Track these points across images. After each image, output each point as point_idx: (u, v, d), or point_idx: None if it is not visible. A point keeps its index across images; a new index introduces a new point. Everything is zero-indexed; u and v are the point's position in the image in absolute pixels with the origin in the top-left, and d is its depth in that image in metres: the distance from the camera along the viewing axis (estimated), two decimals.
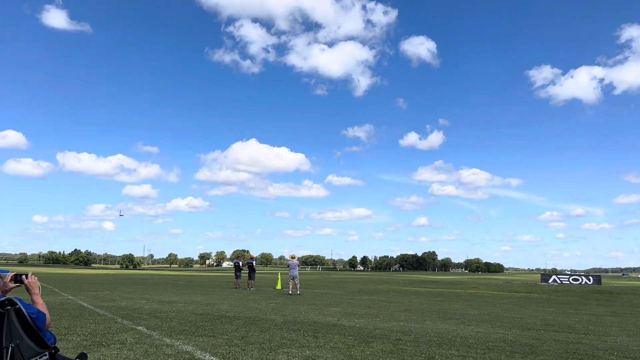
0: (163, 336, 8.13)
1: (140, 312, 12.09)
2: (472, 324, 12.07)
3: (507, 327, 11.51)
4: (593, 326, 12.68)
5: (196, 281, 41.91)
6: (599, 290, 44.69)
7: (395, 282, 52.33)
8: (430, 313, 14.79)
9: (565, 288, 48.13)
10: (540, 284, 58.29)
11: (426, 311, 15.45)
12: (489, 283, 60.37)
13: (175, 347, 7.09)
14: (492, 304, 21.29)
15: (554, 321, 13.64)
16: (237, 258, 28.80)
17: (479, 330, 10.75)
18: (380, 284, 46.73)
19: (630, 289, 49.36)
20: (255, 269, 26.81)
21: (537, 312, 16.83)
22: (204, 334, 8.55)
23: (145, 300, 16.59)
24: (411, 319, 12.60)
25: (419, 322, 11.87)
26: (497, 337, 9.52)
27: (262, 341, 7.86)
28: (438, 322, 12.08)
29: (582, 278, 60.85)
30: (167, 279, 46.26)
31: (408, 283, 52.26)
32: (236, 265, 27.66)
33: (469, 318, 13.59)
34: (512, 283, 60.45)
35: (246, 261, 27.65)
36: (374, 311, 14.63)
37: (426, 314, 14.28)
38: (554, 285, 55.47)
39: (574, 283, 58.31)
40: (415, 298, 23.62)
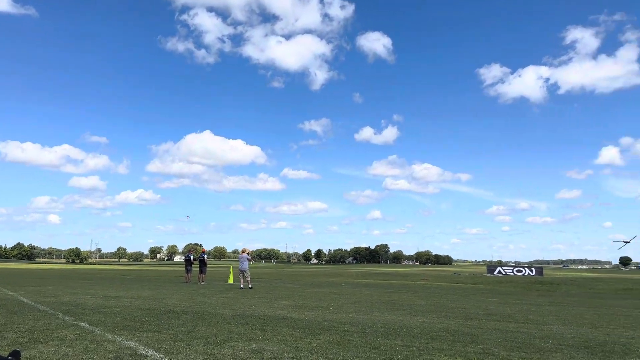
0: (105, 332, 7.92)
1: (84, 308, 11.72)
2: (418, 314, 12.39)
3: (451, 317, 11.88)
4: (532, 315, 13.27)
5: (145, 276, 40.96)
6: (540, 281, 46.80)
7: (347, 275, 52.92)
8: (379, 304, 15.07)
9: (509, 279, 50.11)
10: (486, 275, 60.42)
11: (375, 302, 15.73)
12: (437, 275, 62.04)
13: (117, 343, 6.92)
14: (439, 294, 21.90)
15: (495, 311, 14.19)
16: (188, 252, 28.34)
17: (425, 320, 11.05)
18: (333, 276, 47.14)
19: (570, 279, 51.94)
20: (207, 263, 26.47)
21: (481, 303, 17.46)
22: (148, 329, 8.39)
23: (90, 295, 16.08)
24: (360, 311, 12.79)
25: (367, 314, 12.07)
26: (441, 327, 9.82)
27: (208, 335, 7.80)
28: (386, 313, 12.33)
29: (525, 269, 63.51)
30: (114, 274, 44.99)
31: (360, 275, 52.98)
32: (187, 259, 27.22)
33: (416, 309, 13.94)
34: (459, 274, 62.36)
35: (198, 255, 27.25)
36: (324, 303, 14.75)
37: (375, 306, 14.54)
38: (499, 276, 57.63)
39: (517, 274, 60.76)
40: (366, 290, 23.98)
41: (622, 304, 20.17)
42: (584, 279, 55.80)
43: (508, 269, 65.14)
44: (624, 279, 58.13)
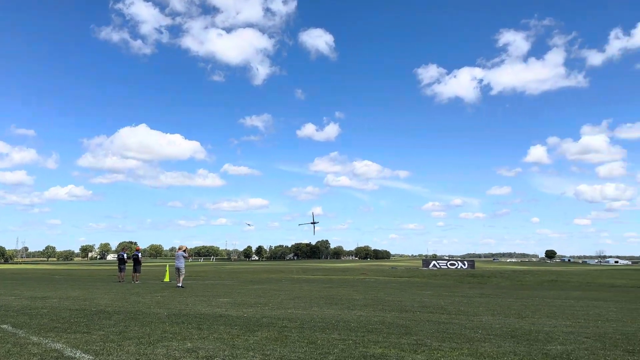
0: (30, 334, 7.51)
1: (7, 310, 11.04)
2: (355, 308, 12.60)
3: (387, 310, 12.17)
4: (464, 307, 13.81)
5: (76, 275, 39.15)
6: (472, 274, 48.83)
7: (288, 271, 52.98)
8: (318, 299, 15.19)
9: (443, 272, 51.97)
10: (422, 268, 62.38)
11: (314, 298, 15.84)
12: (376, 269, 63.38)
13: (42, 346, 6.58)
14: (377, 288, 22.37)
15: (429, 303, 14.67)
16: (122, 250, 27.37)
17: (362, 314, 11.25)
18: (273, 273, 47.04)
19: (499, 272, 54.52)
20: (141, 261, 25.66)
21: (416, 295, 17.99)
22: (77, 330, 8.03)
23: (15, 296, 15.18)
24: (299, 306, 12.84)
25: (306, 309, 12.13)
26: (377, 320, 10.03)
27: (141, 335, 7.56)
28: (324, 308, 12.44)
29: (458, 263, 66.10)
30: (42, 274, 42.70)
31: (300, 271, 53.19)
32: (120, 257, 26.29)
33: (354, 303, 14.16)
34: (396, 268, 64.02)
35: (132, 253, 26.36)
36: (263, 300, 14.69)
37: (314, 301, 14.64)
38: (434, 269, 59.63)
39: (451, 267, 63.14)
40: (305, 286, 24.11)
41: (547, 294, 21.41)
42: (513, 271, 58.80)
43: (442, 262, 67.55)
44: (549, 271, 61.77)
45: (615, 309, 14.06)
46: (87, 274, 41.63)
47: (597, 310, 13.68)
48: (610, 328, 9.65)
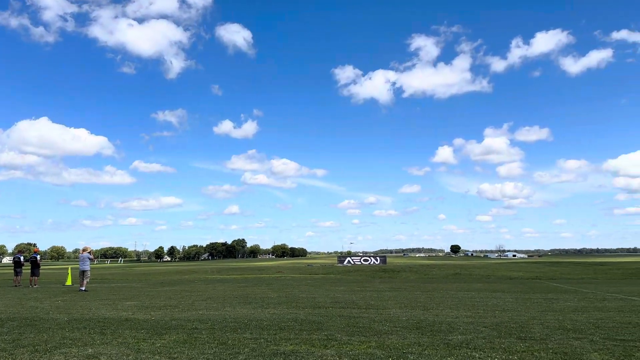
0: None
1: None
2: (269, 306, 12.58)
3: (301, 307, 12.28)
4: (374, 301, 14.26)
5: None
6: (383, 269, 50.54)
7: (201, 271, 51.74)
8: (232, 299, 14.99)
9: (357, 268, 53.34)
10: (337, 265, 63.58)
11: (228, 297, 15.61)
12: (292, 267, 63.67)
13: None
14: (292, 286, 22.48)
15: (342, 299, 14.99)
16: (18, 252, 25.34)
17: (275, 312, 11.25)
18: (186, 273, 45.71)
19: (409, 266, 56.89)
20: (39, 264, 23.88)
21: (329, 292, 18.30)
22: None
23: None
24: (211, 307, 12.59)
25: (218, 310, 11.92)
26: (290, 317, 10.09)
27: (37, 343, 7.05)
28: (238, 308, 12.30)
29: (371, 259, 68.10)
30: None
31: (215, 271, 52.17)
32: (16, 260, 24.29)
33: (268, 301, 14.14)
34: (312, 266, 64.73)
35: (30, 256, 24.48)
36: (174, 302, 14.24)
37: (227, 301, 14.43)
38: (348, 266, 61.00)
39: (364, 263, 64.92)
40: (219, 285, 23.68)
41: (451, 287, 22.63)
42: (421, 265, 61.63)
43: (356, 258, 69.25)
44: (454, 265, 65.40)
45: (511, 300, 15.17)
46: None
47: (495, 301, 14.69)
48: (506, 317, 10.40)
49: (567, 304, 13.53)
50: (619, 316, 10.54)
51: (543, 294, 17.62)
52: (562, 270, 48.68)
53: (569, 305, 13.12)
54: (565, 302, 14.11)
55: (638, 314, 10.87)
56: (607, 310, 11.74)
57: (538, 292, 19.13)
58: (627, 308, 12.34)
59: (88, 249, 20.41)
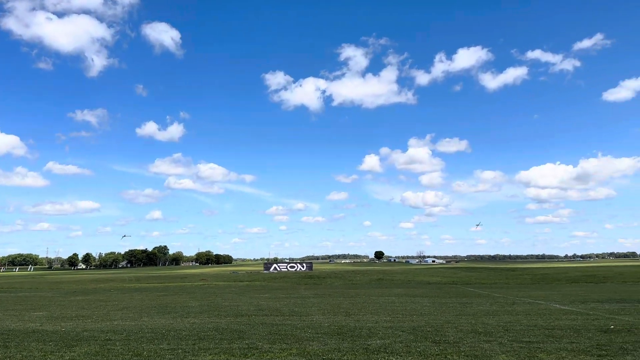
0: None
1: None
2: (190, 316, 12.24)
3: (223, 316, 12.06)
4: (298, 308, 14.28)
5: None
6: (310, 275, 50.80)
7: (119, 280, 49.47)
8: (150, 309, 14.44)
9: (283, 275, 53.24)
10: (263, 272, 63.13)
11: (146, 307, 15.03)
12: (217, 274, 62.42)
13: None
14: (215, 294, 22.04)
15: (266, 306, 14.89)
16: None
17: (195, 321, 10.97)
18: (102, 282, 43.51)
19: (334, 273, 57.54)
20: None
21: (253, 299, 18.13)
22: None
23: None
24: (127, 317, 12.07)
25: (135, 320, 11.44)
26: (211, 327, 9.87)
27: None
28: (156, 318, 11.87)
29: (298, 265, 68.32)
30: None
31: (134, 280, 50.08)
32: None
33: (189, 310, 13.76)
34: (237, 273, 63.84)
35: None
36: (86, 312, 13.51)
37: (145, 310, 13.89)
38: (274, 272, 60.76)
39: (290, 270, 64.96)
40: (137, 294, 22.76)
41: (373, 292, 23.16)
42: (346, 271, 62.54)
43: (282, 265, 69.17)
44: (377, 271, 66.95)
45: (429, 304, 15.76)
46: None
47: (414, 305, 15.20)
48: (423, 321, 10.79)
49: (479, 308, 14.25)
50: (526, 319, 11.25)
51: (458, 298, 18.45)
52: (476, 275, 51.29)
53: (481, 309, 13.82)
54: (478, 306, 14.86)
55: (543, 317, 11.66)
56: (516, 314, 12.50)
57: (454, 296, 20.01)
58: (534, 311, 13.20)
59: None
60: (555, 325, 9.99)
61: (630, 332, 8.75)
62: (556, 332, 8.96)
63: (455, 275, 49.96)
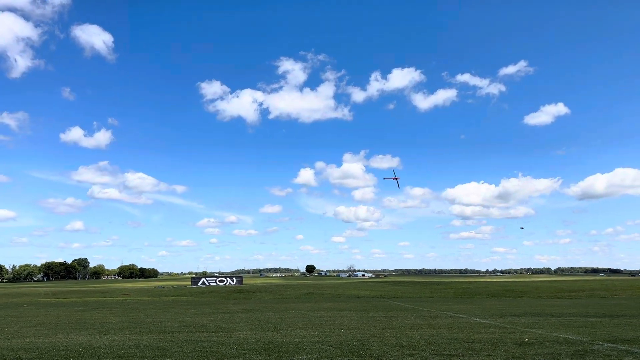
0: None
1: None
2: (109, 332, 11.68)
3: (145, 332, 11.59)
4: (225, 324, 14.01)
5: None
6: (239, 289, 50.01)
7: (34, 294, 46.37)
8: (66, 325, 13.64)
9: (212, 289, 52.06)
10: (190, 286, 61.43)
11: (62, 323, 14.18)
12: (140, 289, 59.98)
13: None
14: (138, 310, 21.17)
15: (191, 322, 14.48)
16: None
17: (115, 338, 10.48)
18: (14, 297, 40.59)
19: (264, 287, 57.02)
20: None
21: (179, 315, 17.58)
22: None
23: None
24: (41, 334, 11.33)
25: (49, 337, 10.77)
26: (132, 344, 9.46)
27: None
28: (72, 334, 11.23)
29: (227, 279, 67.13)
30: None
31: (50, 294, 47.13)
32: None
33: (108, 327, 13.12)
34: (163, 288, 61.69)
35: None
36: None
37: (60, 327, 13.10)
38: (202, 287, 59.30)
39: (220, 284, 63.67)
40: (53, 310, 21.43)
41: (303, 307, 23.17)
42: (276, 285, 62.12)
43: (212, 279, 67.65)
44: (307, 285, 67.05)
45: (357, 318, 15.98)
46: None
47: (342, 319, 15.35)
48: (349, 336, 10.91)
49: (405, 322, 14.63)
50: (447, 332, 11.67)
51: (385, 312, 18.85)
52: (403, 289, 52.62)
53: (406, 323, 14.19)
54: (404, 320, 15.25)
55: (464, 330, 12.14)
56: (439, 327, 12.93)
57: (381, 310, 20.42)
58: (455, 325, 13.72)
59: None
60: (475, 338, 10.44)
61: (543, 345, 9.30)
62: (475, 345, 9.36)
63: (383, 289, 51.01)
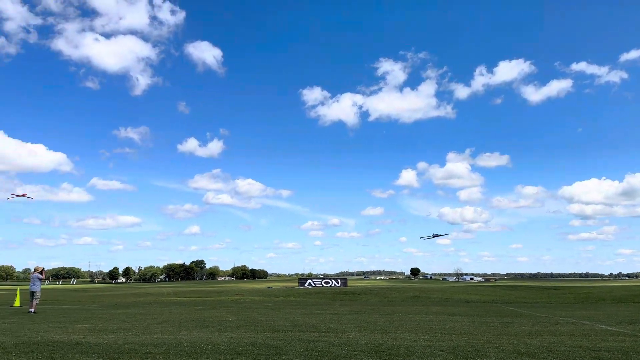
0: None
1: None
2: (227, 330, 12.34)
3: (259, 331, 12.10)
4: (334, 324, 14.20)
5: None
6: (344, 291, 50.45)
7: (158, 294, 50.36)
8: (188, 322, 14.64)
9: (318, 290, 53.06)
10: (298, 287, 63.14)
11: (184, 321, 15.23)
12: (252, 289, 62.77)
13: None
14: (251, 309, 22.16)
15: (302, 322, 14.86)
16: None
17: (233, 335, 11.05)
18: (141, 296, 44.38)
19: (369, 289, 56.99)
20: None
21: (289, 315, 18.12)
22: None
23: None
24: (167, 331, 12.26)
25: (174, 333, 11.62)
26: (248, 342, 9.92)
27: None
28: (194, 331, 12.02)
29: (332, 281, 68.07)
30: None
31: (172, 293, 50.89)
32: None
33: (226, 325, 13.87)
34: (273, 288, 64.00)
35: None
36: (127, 325, 13.79)
37: (183, 324, 14.08)
38: (309, 288, 60.68)
39: (325, 286, 64.74)
40: (176, 308, 23.10)
41: (410, 310, 22.79)
42: (381, 288, 61.84)
43: (317, 281, 69.03)
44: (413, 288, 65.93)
45: (468, 323, 15.40)
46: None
47: (453, 324, 14.87)
48: (462, 341, 10.54)
49: (521, 328, 13.83)
50: (570, 340, 10.85)
51: (499, 318, 17.96)
52: (517, 294, 49.80)
53: (523, 329, 13.41)
54: (520, 326, 14.42)
55: (588, 338, 11.22)
56: (560, 334, 12.07)
57: (494, 315, 19.49)
58: (578, 332, 12.72)
59: (39, 268, 19.64)
60: (602, 346, 9.60)
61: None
62: (603, 354, 8.61)
63: (494, 293, 48.67)
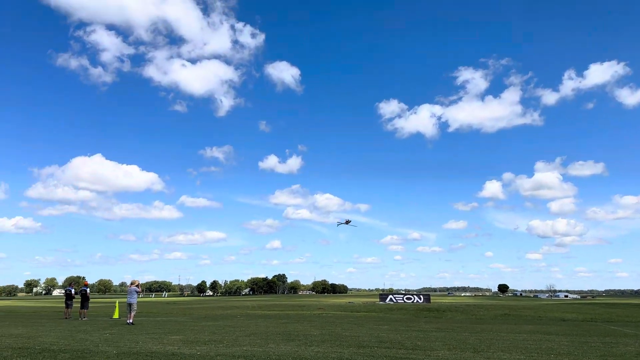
0: None
1: None
2: (313, 344, 12.40)
3: (345, 346, 12.04)
4: (420, 342, 13.83)
5: (18, 311, 37.00)
6: (428, 308, 49.15)
7: (243, 307, 51.80)
8: (275, 335, 14.88)
9: (400, 306, 52.09)
10: (379, 303, 62.38)
11: (271, 334, 15.51)
12: (333, 304, 62.84)
13: None
14: (334, 324, 22.15)
15: (387, 338, 14.62)
16: (69, 285, 26.18)
17: (319, 350, 11.08)
18: (228, 309, 45.88)
19: (454, 306, 55.11)
20: (89, 297, 24.58)
21: (373, 330, 17.91)
22: None
23: None
24: (255, 343, 12.54)
25: (262, 346, 11.85)
26: (335, 356, 9.90)
27: None
28: (281, 345, 12.20)
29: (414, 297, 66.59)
30: None
31: (256, 307, 52.13)
32: (68, 293, 25.08)
33: (311, 339, 13.95)
34: (354, 303, 63.69)
35: (80, 288, 25.25)
36: (218, 337, 14.27)
37: (270, 337, 14.33)
38: (390, 304, 59.74)
39: (407, 302, 63.45)
40: (262, 321, 23.61)
41: (501, 328, 21.73)
42: (467, 305, 59.57)
43: (399, 296, 67.84)
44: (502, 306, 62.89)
45: (567, 343, 14.41)
46: (30, 311, 39.39)
47: (549, 344, 13.98)
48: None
49: (628, 349, 12.72)
50: None
51: (600, 337, 16.65)
52: (619, 312, 45.99)
53: (630, 350, 12.33)
54: (626, 347, 13.27)
55: None
56: None
57: (595, 335, 18.10)
58: None
59: (136, 282, 20.87)
60: None
61: None
62: None
63: (593, 311, 45.27)
